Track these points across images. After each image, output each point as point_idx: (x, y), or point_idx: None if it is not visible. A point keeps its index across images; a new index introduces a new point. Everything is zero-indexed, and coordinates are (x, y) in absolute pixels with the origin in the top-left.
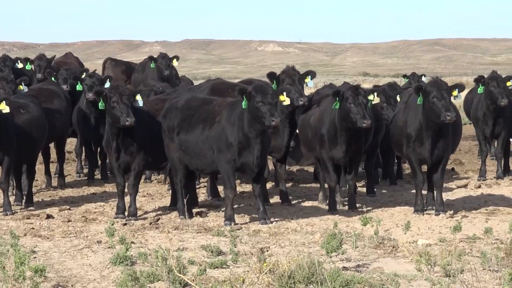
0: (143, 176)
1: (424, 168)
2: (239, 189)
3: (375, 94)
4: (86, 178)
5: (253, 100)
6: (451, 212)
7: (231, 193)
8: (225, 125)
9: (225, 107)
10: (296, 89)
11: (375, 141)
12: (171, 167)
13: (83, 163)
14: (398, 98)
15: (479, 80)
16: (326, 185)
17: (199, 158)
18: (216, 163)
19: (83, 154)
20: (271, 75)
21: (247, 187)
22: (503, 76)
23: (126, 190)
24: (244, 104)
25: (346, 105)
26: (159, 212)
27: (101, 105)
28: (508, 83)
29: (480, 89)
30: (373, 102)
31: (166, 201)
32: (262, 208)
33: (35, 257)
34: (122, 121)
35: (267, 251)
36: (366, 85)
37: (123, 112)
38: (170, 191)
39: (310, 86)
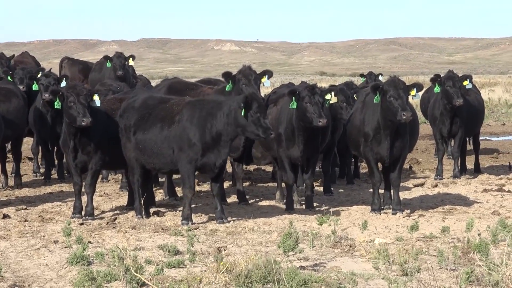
0: (100, 176)
1: (381, 167)
2: (196, 188)
3: (332, 93)
4: (43, 177)
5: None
6: (408, 211)
7: (189, 192)
8: (187, 125)
9: (185, 106)
10: (252, 89)
11: (332, 140)
12: (128, 167)
13: (39, 163)
14: (355, 97)
15: (435, 79)
16: (283, 184)
17: (157, 157)
18: (175, 163)
19: (40, 153)
20: (226, 75)
21: (205, 187)
22: (460, 75)
23: (83, 189)
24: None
25: (302, 105)
26: (116, 212)
27: (56, 104)
28: (465, 83)
29: (437, 89)
30: (330, 102)
31: (123, 201)
32: (220, 207)
33: None
34: (78, 121)
35: (224, 250)
36: (323, 84)
37: (80, 112)
38: (127, 190)
39: (267, 86)
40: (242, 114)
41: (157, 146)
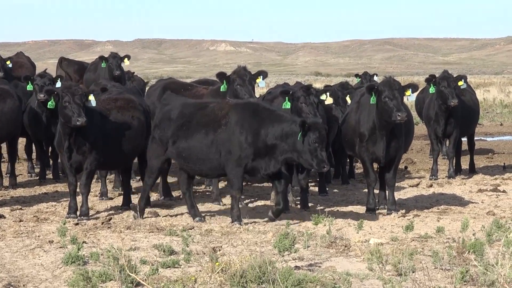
0: (95, 176)
1: (376, 167)
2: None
3: (328, 94)
4: (38, 177)
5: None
6: (403, 211)
7: (238, 193)
8: (236, 128)
9: (231, 109)
10: (246, 89)
11: (327, 141)
12: (151, 169)
13: (34, 163)
14: (348, 99)
15: (430, 80)
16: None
17: (204, 163)
18: (223, 167)
19: (34, 154)
20: (220, 75)
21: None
22: (455, 76)
23: (78, 189)
24: (285, 104)
25: (297, 105)
26: (111, 212)
27: (50, 104)
28: (460, 83)
29: (432, 89)
30: (325, 102)
31: (118, 201)
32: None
33: None
34: (73, 121)
35: (219, 250)
36: (318, 84)
37: (75, 112)
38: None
39: (262, 86)
40: (298, 139)
41: (203, 152)
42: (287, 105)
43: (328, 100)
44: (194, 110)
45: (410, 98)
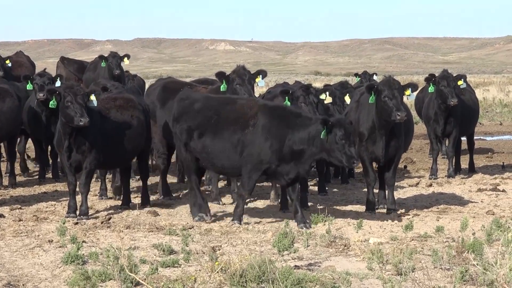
0: (94, 175)
1: (376, 166)
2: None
3: (327, 93)
4: (37, 177)
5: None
6: (403, 210)
7: (247, 194)
8: (263, 133)
9: (260, 110)
10: (246, 89)
11: None
12: (184, 169)
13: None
14: (346, 98)
15: (429, 79)
16: (277, 184)
17: (227, 160)
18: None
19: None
20: (220, 75)
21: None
22: (454, 75)
23: (77, 189)
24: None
25: (297, 104)
26: (110, 211)
27: (52, 103)
28: (459, 82)
29: (431, 88)
30: (325, 102)
31: (118, 200)
32: (300, 212)
33: None
34: (76, 121)
35: (219, 250)
36: (318, 84)
37: (77, 112)
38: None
39: (261, 86)
40: (322, 137)
41: (228, 149)
42: (286, 104)
43: (328, 99)
44: (222, 104)
45: (409, 97)
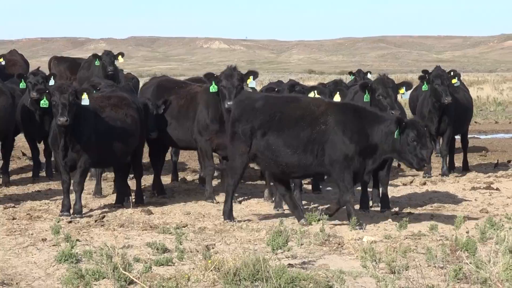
0: (89, 174)
1: None
2: (186, 186)
3: (315, 91)
4: (31, 175)
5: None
6: (397, 209)
7: (352, 198)
8: (338, 130)
9: (329, 107)
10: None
11: None
12: (233, 169)
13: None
14: (336, 97)
15: (423, 77)
16: (271, 183)
17: (296, 159)
18: (315, 166)
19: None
20: (208, 76)
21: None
22: (447, 71)
23: (71, 187)
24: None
25: None
26: (104, 210)
27: (43, 102)
28: (453, 81)
29: (425, 87)
30: None
31: (112, 199)
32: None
33: None
34: (56, 120)
35: (213, 248)
36: (312, 82)
37: (58, 111)
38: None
39: (252, 87)
40: (395, 137)
41: (294, 147)
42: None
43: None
44: (285, 102)
45: (404, 95)
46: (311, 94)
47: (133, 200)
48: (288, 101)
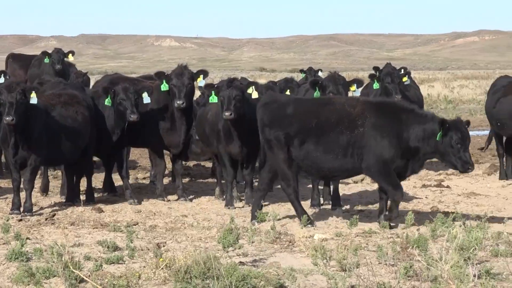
0: (39, 172)
1: None
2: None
3: (253, 87)
4: None
5: None
6: (348, 206)
7: (400, 197)
8: (377, 131)
9: (366, 107)
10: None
11: None
12: (284, 177)
13: None
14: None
15: (373, 75)
16: (223, 180)
17: (337, 163)
18: (357, 168)
19: None
20: (159, 74)
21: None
22: (398, 68)
23: (21, 185)
24: (212, 98)
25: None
26: (55, 208)
27: None
28: (404, 79)
29: (376, 85)
30: (252, 96)
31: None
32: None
33: None
34: (3, 119)
35: (164, 246)
36: (263, 80)
37: (5, 110)
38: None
39: (201, 85)
40: (437, 139)
41: (335, 152)
42: (214, 99)
43: (254, 94)
44: (318, 105)
45: (355, 93)
46: (250, 90)
47: (84, 198)
48: (322, 105)
